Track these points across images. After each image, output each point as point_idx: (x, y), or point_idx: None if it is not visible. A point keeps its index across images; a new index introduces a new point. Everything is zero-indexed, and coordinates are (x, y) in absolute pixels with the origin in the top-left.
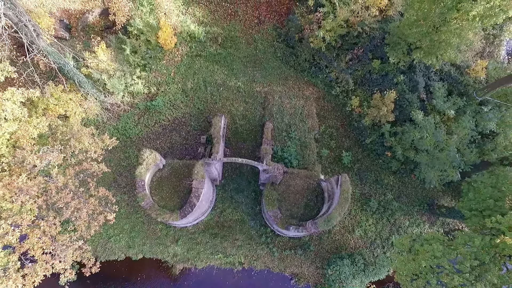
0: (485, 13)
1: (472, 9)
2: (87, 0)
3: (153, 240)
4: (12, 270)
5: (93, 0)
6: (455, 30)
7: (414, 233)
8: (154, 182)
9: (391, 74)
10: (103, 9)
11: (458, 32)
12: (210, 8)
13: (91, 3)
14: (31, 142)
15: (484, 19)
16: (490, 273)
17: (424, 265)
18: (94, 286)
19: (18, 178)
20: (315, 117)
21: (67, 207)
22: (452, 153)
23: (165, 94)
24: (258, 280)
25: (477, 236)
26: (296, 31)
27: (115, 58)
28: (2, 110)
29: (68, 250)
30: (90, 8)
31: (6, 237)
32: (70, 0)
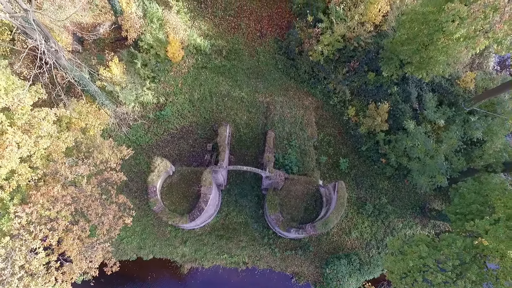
0: (469, 35)
1: (456, 31)
2: (98, 14)
3: (162, 242)
4: (54, 268)
5: (103, 13)
6: (442, 48)
7: (407, 235)
8: (165, 188)
9: (386, 85)
10: (113, 22)
11: (445, 50)
12: (215, 22)
13: (102, 17)
14: (61, 156)
15: (468, 40)
16: (470, 272)
17: (412, 264)
18: (108, 284)
19: (53, 188)
20: (314, 125)
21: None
22: (439, 161)
23: (173, 104)
24: (261, 279)
25: (459, 238)
26: (296, 44)
27: (127, 71)
28: (39, 129)
29: (98, 251)
30: (101, 21)
31: (46, 240)
32: (82, 14)
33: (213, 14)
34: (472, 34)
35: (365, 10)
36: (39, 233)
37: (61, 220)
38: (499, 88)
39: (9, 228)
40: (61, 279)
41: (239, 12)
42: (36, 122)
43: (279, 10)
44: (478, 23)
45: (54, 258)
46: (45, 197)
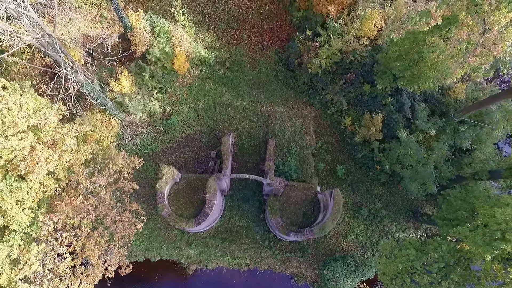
0: (455, 54)
1: (444, 50)
2: (107, 26)
3: (169, 244)
4: (79, 271)
5: (112, 25)
6: (432, 65)
7: (400, 238)
8: (172, 194)
9: (380, 96)
10: (121, 34)
11: (434, 67)
12: (218, 34)
13: (110, 29)
14: (81, 167)
15: (455, 57)
16: (454, 273)
17: (401, 267)
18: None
19: (76, 198)
20: (312, 134)
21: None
22: (429, 169)
23: (179, 113)
24: (262, 279)
25: (444, 242)
26: (296, 56)
27: (135, 82)
28: (63, 144)
29: (116, 255)
30: (110, 33)
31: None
32: (91, 26)
33: (216, 26)
34: (457, 54)
35: (361, 25)
36: (65, 239)
37: (83, 227)
38: (487, 100)
39: (38, 235)
40: (85, 281)
41: (241, 24)
42: (59, 138)
43: (280, 23)
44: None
45: (79, 262)
46: (69, 206)
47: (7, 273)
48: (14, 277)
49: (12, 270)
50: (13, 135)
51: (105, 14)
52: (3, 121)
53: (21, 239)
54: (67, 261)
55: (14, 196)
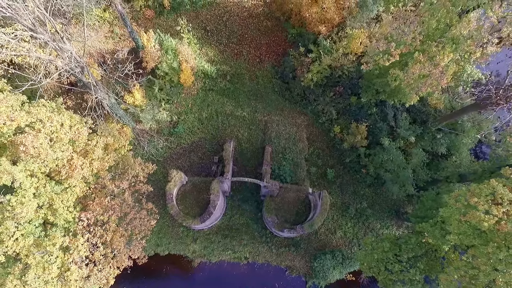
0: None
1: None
2: (118, 41)
3: (176, 240)
4: (109, 258)
5: (122, 40)
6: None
7: (384, 234)
8: (179, 195)
9: (366, 107)
10: (131, 48)
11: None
12: (220, 49)
13: (121, 43)
14: (106, 173)
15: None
16: (420, 262)
17: (376, 257)
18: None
19: (105, 199)
20: (305, 140)
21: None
22: (407, 173)
23: (185, 122)
24: (260, 272)
25: (413, 236)
26: (290, 70)
27: (146, 95)
28: (93, 153)
29: (137, 246)
30: (121, 48)
31: (102, 238)
32: (104, 41)
33: (218, 41)
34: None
35: (348, 43)
36: (97, 232)
37: (111, 223)
38: (458, 112)
39: (75, 229)
40: (115, 266)
41: (241, 39)
42: (90, 148)
43: (276, 38)
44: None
45: (109, 251)
46: (99, 206)
47: (61, 257)
48: (66, 260)
49: (65, 255)
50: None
51: (117, 30)
52: (51, 137)
53: (61, 233)
54: (100, 249)
55: (62, 197)
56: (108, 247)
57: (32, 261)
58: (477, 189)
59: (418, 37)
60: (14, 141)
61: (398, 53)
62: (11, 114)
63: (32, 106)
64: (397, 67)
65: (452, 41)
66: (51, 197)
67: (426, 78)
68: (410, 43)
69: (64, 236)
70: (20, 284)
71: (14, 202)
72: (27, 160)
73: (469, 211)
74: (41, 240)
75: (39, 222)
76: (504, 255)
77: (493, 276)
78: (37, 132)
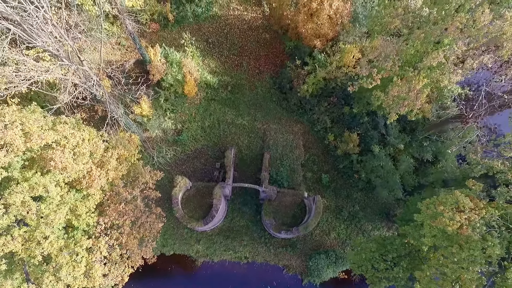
0: (391, 104)
1: (384, 100)
2: (125, 52)
3: (181, 241)
4: (125, 258)
5: (129, 52)
6: (393, 97)
7: (375, 235)
8: (184, 199)
9: (358, 116)
10: (137, 59)
11: (389, 105)
12: (221, 60)
13: (128, 55)
14: (119, 181)
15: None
16: (403, 261)
17: (364, 257)
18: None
19: (120, 205)
20: (301, 147)
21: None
22: (394, 179)
23: (189, 130)
24: (259, 270)
25: (398, 238)
26: (288, 81)
27: (152, 105)
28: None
29: (149, 247)
30: (128, 59)
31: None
32: (112, 53)
33: (219, 53)
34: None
35: (341, 57)
36: (113, 235)
37: (125, 226)
38: (443, 122)
39: (94, 232)
40: (130, 265)
41: (241, 51)
42: (106, 160)
43: (274, 50)
44: (390, 105)
45: (124, 252)
46: (115, 211)
47: (86, 257)
48: (91, 259)
49: (89, 255)
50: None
51: (123, 42)
52: (74, 151)
53: (81, 235)
54: (117, 250)
55: (84, 204)
56: (124, 248)
57: (63, 261)
58: (443, 199)
59: (397, 63)
60: (43, 156)
61: (379, 77)
62: (42, 134)
63: (58, 124)
64: (379, 89)
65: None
66: (75, 204)
67: (404, 100)
68: (390, 69)
69: (88, 239)
70: (55, 280)
71: (45, 209)
72: (54, 172)
73: (438, 217)
74: (69, 242)
75: (62, 226)
76: (465, 255)
77: (459, 273)
78: (63, 147)
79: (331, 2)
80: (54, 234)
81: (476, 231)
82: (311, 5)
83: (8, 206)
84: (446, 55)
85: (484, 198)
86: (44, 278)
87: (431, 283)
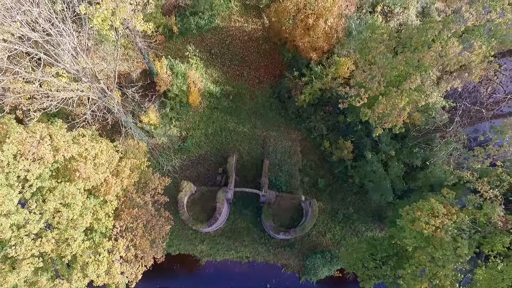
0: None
1: (370, 116)
2: (132, 63)
3: (186, 241)
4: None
5: (136, 62)
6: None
7: (368, 236)
8: (189, 203)
9: (353, 124)
10: (143, 69)
11: (375, 121)
12: (223, 70)
13: (135, 65)
14: (132, 188)
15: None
16: (390, 260)
17: (355, 256)
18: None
19: (133, 209)
20: (299, 153)
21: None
22: (385, 183)
23: (193, 137)
24: (259, 269)
25: (386, 238)
26: (286, 91)
27: (159, 114)
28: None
29: (159, 248)
30: (134, 69)
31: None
32: (119, 64)
33: (221, 63)
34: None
35: (336, 69)
36: (128, 237)
37: (138, 229)
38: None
39: (110, 234)
40: (143, 264)
41: (242, 62)
42: (120, 169)
43: (274, 61)
44: (376, 121)
45: (138, 252)
46: (129, 215)
47: (106, 257)
48: (111, 259)
49: (109, 255)
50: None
51: (131, 53)
52: (95, 163)
53: (99, 237)
54: (132, 251)
55: (104, 209)
56: (137, 249)
57: (89, 260)
58: (420, 205)
59: (382, 83)
60: (68, 166)
61: (366, 96)
62: (68, 147)
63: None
64: (366, 106)
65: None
66: (96, 209)
67: (388, 116)
68: (376, 89)
69: (108, 241)
70: (82, 276)
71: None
72: (77, 181)
73: (416, 222)
74: (92, 244)
75: (82, 228)
76: (439, 254)
77: (435, 270)
78: (85, 159)
79: (326, 19)
80: (80, 237)
81: (448, 233)
82: (308, 21)
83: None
84: (423, 80)
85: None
86: (73, 274)
87: (412, 279)
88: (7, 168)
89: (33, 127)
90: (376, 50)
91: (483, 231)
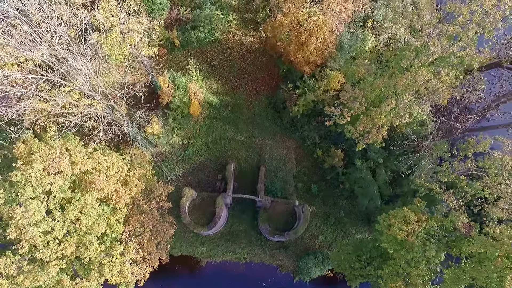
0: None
1: (354, 132)
2: (135, 75)
3: (187, 243)
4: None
5: (139, 74)
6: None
7: (358, 239)
8: (191, 208)
9: (343, 133)
10: (146, 81)
11: (357, 137)
12: (222, 81)
13: (138, 77)
14: (139, 195)
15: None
16: (374, 261)
17: (342, 257)
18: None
19: (141, 215)
20: (293, 161)
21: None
22: (373, 189)
23: (194, 145)
24: (256, 269)
25: (371, 241)
26: (281, 102)
27: (162, 124)
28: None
29: (165, 250)
30: (138, 81)
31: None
32: (123, 76)
33: (221, 75)
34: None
35: (328, 83)
36: (136, 240)
37: (146, 233)
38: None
39: (120, 238)
40: (150, 265)
41: (240, 73)
42: (129, 179)
43: (270, 72)
44: (360, 135)
45: (146, 254)
46: (137, 221)
47: (119, 258)
48: (123, 259)
49: (121, 256)
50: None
51: (134, 65)
52: (107, 175)
53: (110, 241)
54: (140, 253)
55: (115, 216)
56: (145, 251)
57: (104, 261)
58: (395, 213)
59: (363, 104)
60: (84, 179)
61: (349, 115)
62: (84, 162)
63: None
64: (349, 124)
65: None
66: (108, 216)
67: (368, 133)
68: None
69: (120, 244)
70: (99, 276)
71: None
72: (91, 192)
73: (391, 228)
74: (105, 247)
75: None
76: (411, 256)
77: (408, 270)
78: (99, 172)
79: (318, 36)
80: (96, 241)
81: (418, 238)
82: (300, 38)
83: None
84: (397, 103)
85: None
86: (91, 274)
87: (389, 278)
88: (35, 182)
89: (53, 143)
90: (358, 73)
91: (450, 236)
